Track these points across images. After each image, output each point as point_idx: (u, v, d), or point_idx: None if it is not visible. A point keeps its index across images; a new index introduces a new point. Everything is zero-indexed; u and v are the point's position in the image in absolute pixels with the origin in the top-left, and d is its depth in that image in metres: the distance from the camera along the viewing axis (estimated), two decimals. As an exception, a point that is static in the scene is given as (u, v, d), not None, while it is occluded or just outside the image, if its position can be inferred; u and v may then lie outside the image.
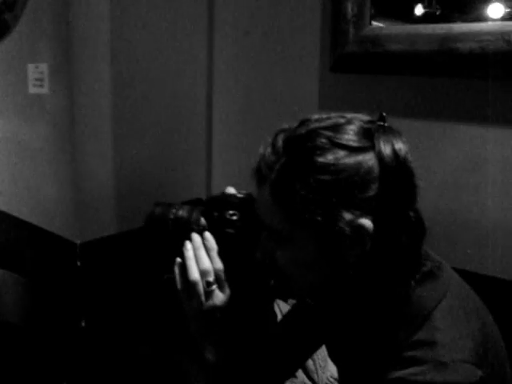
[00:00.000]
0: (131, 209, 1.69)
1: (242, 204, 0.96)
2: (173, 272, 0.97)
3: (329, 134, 0.80)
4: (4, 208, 1.75)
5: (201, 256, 0.93)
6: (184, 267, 0.94)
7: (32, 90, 1.62)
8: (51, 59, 1.56)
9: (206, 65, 1.80)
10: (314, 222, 0.79)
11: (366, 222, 0.78)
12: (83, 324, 1.53)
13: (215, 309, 0.93)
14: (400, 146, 0.80)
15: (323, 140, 0.79)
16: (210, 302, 0.93)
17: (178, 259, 0.96)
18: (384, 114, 0.84)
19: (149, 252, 1.41)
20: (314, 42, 1.56)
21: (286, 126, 0.85)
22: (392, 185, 0.79)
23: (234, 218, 0.96)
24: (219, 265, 0.93)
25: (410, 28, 1.38)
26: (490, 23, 1.27)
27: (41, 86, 1.59)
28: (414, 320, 0.82)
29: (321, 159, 0.78)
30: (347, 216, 0.78)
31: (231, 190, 0.99)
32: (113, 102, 1.59)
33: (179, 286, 0.95)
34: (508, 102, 1.26)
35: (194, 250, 0.94)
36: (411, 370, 0.77)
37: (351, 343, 0.93)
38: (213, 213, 0.97)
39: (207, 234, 0.95)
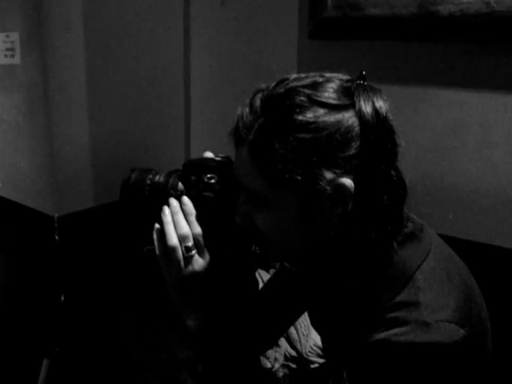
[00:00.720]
0: (109, 181, 1.66)
1: (220, 167, 0.94)
2: (152, 243, 0.96)
3: (308, 91, 0.78)
4: (-23, 183, 1.71)
5: (179, 221, 0.91)
6: (162, 233, 0.92)
7: (2, 60, 1.57)
8: (22, 27, 1.51)
9: (182, 34, 1.76)
10: (294, 181, 0.77)
11: (347, 182, 0.77)
12: (62, 298, 1.51)
13: (195, 274, 0.91)
14: (380, 103, 0.79)
15: (302, 98, 0.78)
16: (190, 268, 0.91)
17: (157, 225, 0.94)
18: (364, 73, 0.82)
19: (126, 222, 1.40)
20: (292, 9, 1.53)
21: (263, 85, 0.83)
22: (373, 143, 0.77)
23: (212, 181, 0.94)
24: (198, 229, 0.91)
25: (389, -9, 1.36)
26: (469, -15, 1.26)
27: (12, 56, 1.54)
28: (396, 281, 0.81)
29: (300, 117, 0.76)
30: (328, 175, 0.77)
31: (209, 155, 0.97)
32: (88, 71, 1.55)
33: (158, 252, 0.93)
34: (488, 65, 1.26)
35: (172, 214, 0.92)
36: (394, 330, 0.77)
37: (333, 308, 0.93)
38: (190, 177, 0.95)
39: (185, 199, 0.93)
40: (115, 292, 1.61)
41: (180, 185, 0.96)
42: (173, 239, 0.90)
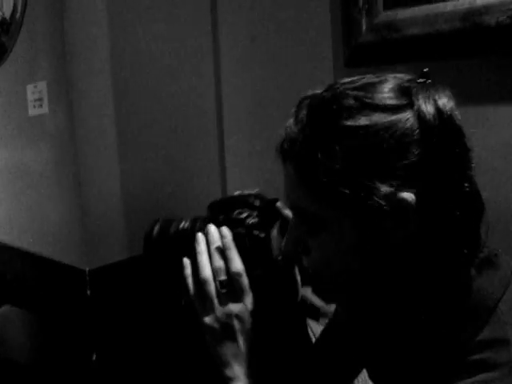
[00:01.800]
0: (142, 231, 1.58)
1: (248, 201, 0.85)
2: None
3: (358, 94, 0.68)
4: (6, 238, 1.65)
5: (214, 252, 0.82)
6: (195, 267, 0.83)
7: (32, 111, 1.54)
8: (49, 76, 1.49)
9: (213, 73, 1.70)
10: (342, 197, 0.66)
11: (408, 195, 0.65)
12: (94, 358, 1.40)
13: (231, 316, 0.80)
14: (444, 101, 0.66)
15: (351, 101, 0.67)
16: (226, 309, 0.81)
17: (186, 260, 0.84)
18: (426, 70, 0.71)
19: (153, 276, 1.31)
20: (325, 38, 1.45)
21: (310, 92, 0.73)
22: (436, 147, 0.65)
23: (243, 215, 0.84)
24: (237, 265, 0.81)
25: (427, 8, 1.26)
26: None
27: (40, 106, 1.51)
28: (476, 316, 0.67)
29: (347, 122, 0.66)
30: (383, 188, 0.65)
31: (237, 193, 0.89)
32: (116, 118, 1.50)
33: (191, 289, 0.83)
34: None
35: (209, 244, 0.82)
36: (482, 376, 0.63)
37: (399, 354, 0.78)
38: (218, 217, 0.86)
39: (224, 230, 0.83)
40: (151, 349, 1.49)
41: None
42: (205, 271, 0.81)
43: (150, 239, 0.92)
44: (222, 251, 0.82)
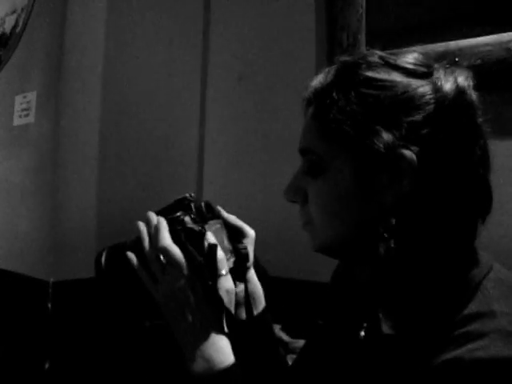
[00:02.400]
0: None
1: (185, 203, 0.88)
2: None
3: (384, 55, 0.73)
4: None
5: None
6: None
7: (17, 121, 1.56)
8: (40, 87, 1.52)
9: (199, 108, 1.76)
10: (348, 135, 0.70)
11: (408, 154, 0.67)
12: (47, 366, 1.33)
13: (174, 291, 0.79)
14: (462, 78, 0.71)
15: (376, 59, 0.73)
16: (167, 284, 0.80)
17: (130, 253, 0.84)
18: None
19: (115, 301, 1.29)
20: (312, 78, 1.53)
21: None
22: (446, 117, 0.68)
23: (179, 215, 0.86)
24: (163, 242, 0.81)
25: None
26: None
27: (27, 115, 1.53)
28: (462, 292, 0.67)
29: (368, 73, 0.71)
30: (386, 136, 0.68)
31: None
32: (101, 133, 1.52)
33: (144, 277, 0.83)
34: None
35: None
36: (468, 346, 0.61)
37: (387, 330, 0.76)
38: (176, 213, 0.87)
39: (158, 217, 0.85)
40: (107, 366, 1.43)
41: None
42: (165, 239, 0.81)
43: (99, 268, 0.90)
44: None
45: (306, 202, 0.77)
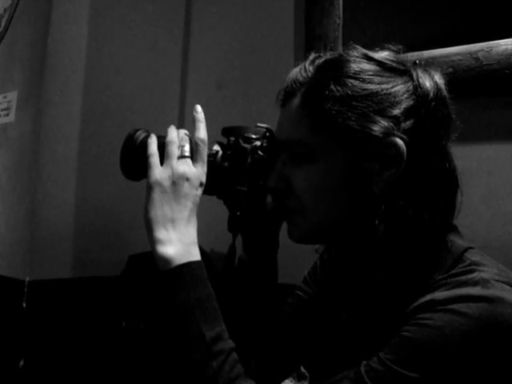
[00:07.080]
0: (90, 253, 1.55)
1: (260, 132, 0.90)
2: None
3: (364, 51, 0.80)
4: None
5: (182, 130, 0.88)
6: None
7: (-4, 121, 1.55)
8: (21, 87, 1.52)
9: (177, 115, 1.79)
10: (347, 126, 0.74)
11: (400, 142, 0.73)
12: (21, 364, 1.31)
13: (183, 177, 0.82)
14: (438, 76, 0.79)
15: (357, 54, 0.79)
16: (180, 168, 0.82)
17: (153, 135, 0.88)
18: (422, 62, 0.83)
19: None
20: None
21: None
22: (429, 112, 0.75)
23: (252, 136, 0.88)
24: (201, 134, 0.86)
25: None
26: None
27: (7, 115, 1.53)
28: (444, 262, 0.73)
29: (355, 66, 0.76)
30: (383, 122, 0.73)
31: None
32: (80, 137, 1.54)
33: (151, 148, 0.85)
34: None
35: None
36: (448, 292, 0.67)
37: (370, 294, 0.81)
38: (229, 138, 0.91)
39: (198, 107, 0.90)
40: (82, 367, 1.41)
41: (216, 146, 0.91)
42: (171, 134, 0.85)
43: (130, 144, 0.91)
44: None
45: (289, 189, 0.80)
